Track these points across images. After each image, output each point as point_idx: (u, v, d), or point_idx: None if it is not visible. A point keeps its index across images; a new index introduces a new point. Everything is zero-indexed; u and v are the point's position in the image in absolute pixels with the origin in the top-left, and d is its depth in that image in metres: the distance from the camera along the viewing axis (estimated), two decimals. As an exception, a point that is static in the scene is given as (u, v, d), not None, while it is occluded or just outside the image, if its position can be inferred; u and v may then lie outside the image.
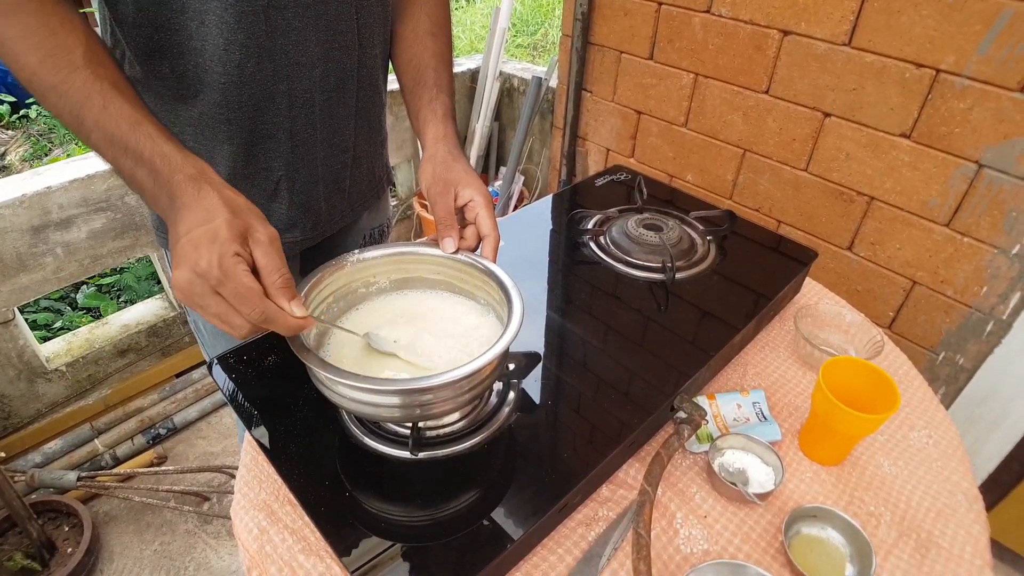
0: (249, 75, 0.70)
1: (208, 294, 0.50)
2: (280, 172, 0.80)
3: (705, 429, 0.80)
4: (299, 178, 0.82)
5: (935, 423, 0.85)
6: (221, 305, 0.50)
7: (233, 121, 0.73)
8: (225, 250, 0.50)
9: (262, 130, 0.76)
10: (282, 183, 0.81)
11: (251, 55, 0.69)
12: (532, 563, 0.65)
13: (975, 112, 1.17)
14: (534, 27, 4.96)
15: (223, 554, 1.60)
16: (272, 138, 0.77)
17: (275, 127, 0.76)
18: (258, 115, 0.74)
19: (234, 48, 0.68)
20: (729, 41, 1.48)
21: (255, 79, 0.71)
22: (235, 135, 0.75)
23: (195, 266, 0.49)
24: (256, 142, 0.77)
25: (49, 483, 1.58)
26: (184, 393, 1.93)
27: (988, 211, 1.22)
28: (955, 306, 1.33)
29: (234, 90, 0.71)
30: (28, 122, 3.87)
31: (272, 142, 0.77)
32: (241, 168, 0.78)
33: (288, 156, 0.79)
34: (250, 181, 0.79)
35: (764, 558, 0.67)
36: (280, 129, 0.77)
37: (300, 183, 0.83)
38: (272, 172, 0.80)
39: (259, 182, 0.80)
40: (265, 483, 0.72)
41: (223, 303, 0.50)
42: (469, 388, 0.60)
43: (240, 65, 0.69)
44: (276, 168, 0.80)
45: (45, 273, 1.63)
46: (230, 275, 0.50)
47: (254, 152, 0.77)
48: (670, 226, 1.02)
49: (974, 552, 0.68)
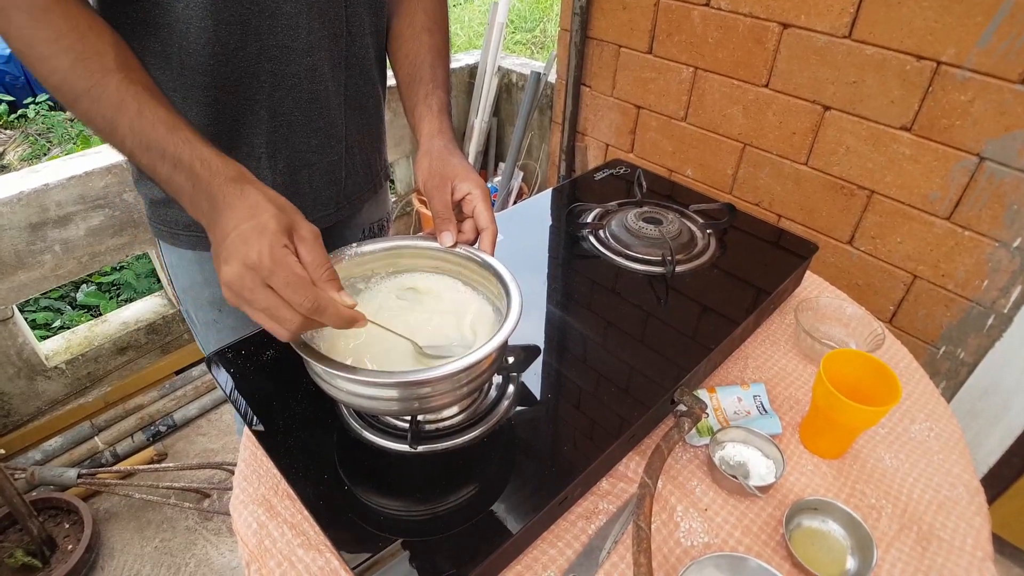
0: (232, 51, 0.70)
1: (258, 287, 0.50)
2: (262, 148, 0.80)
3: (705, 422, 0.79)
4: (281, 157, 0.82)
5: (936, 416, 0.84)
6: (271, 298, 0.50)
7: (216, 96, 0.73)
8: (276, 241, 0.50)
9: (243, 105, 0.75)
10: (263, 160, 0.81)
11: (234, 32, 0.69)
12: (532, 556, 0.64)
13: (976, 104, 1.16)
14: (532, 23, 4.95)
15: (223, 550, 1.60)
16: (252, 113, 0.76)
17: (255, 103, 0.76)
18: (240, 91, 0.74)
19: (213, 24, 0.67)
20: (728, 34, 1.47)
21: (238, 56, 0.71)
22: (218, 113, 0.74)
23: (245, 258, 0.49)
24: (238, 118, 0.76)
25: (49, 480, 1.57)
26: (184, 390, 1.93)
27: (989, 204, 1.21)
28: (956, 300, 1.33)
29: (218, 65, 0.70)
30: (26, 122, 3.86)
31: (252, 117, 0.77)
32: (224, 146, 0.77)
33: (269, 134, 0.79)
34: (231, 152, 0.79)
35: (765, 551, 0.67)
36: (261, 106, 0.76)
37: (282, 162, 0.82)
38: (254, 148, 0.79)
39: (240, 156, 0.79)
40: (264, 478, 0.72)
41: (273, 296, 0.50)
42: (468, 381, 0.60)
43: (221, 40, 0.68)
44: (257, 144, 0.79)
45: (43, 271, 1.62)
46: (282, 265, 0.49)
47: (236, 128, 0.77)
48: (670, 219, 1.02)
49: (975, 544, 0.68)
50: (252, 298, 0.50)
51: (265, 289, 0.50)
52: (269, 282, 0.50)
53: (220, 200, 0.54)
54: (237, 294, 0.51)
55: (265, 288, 0.50)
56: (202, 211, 0.56)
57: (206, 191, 0.55)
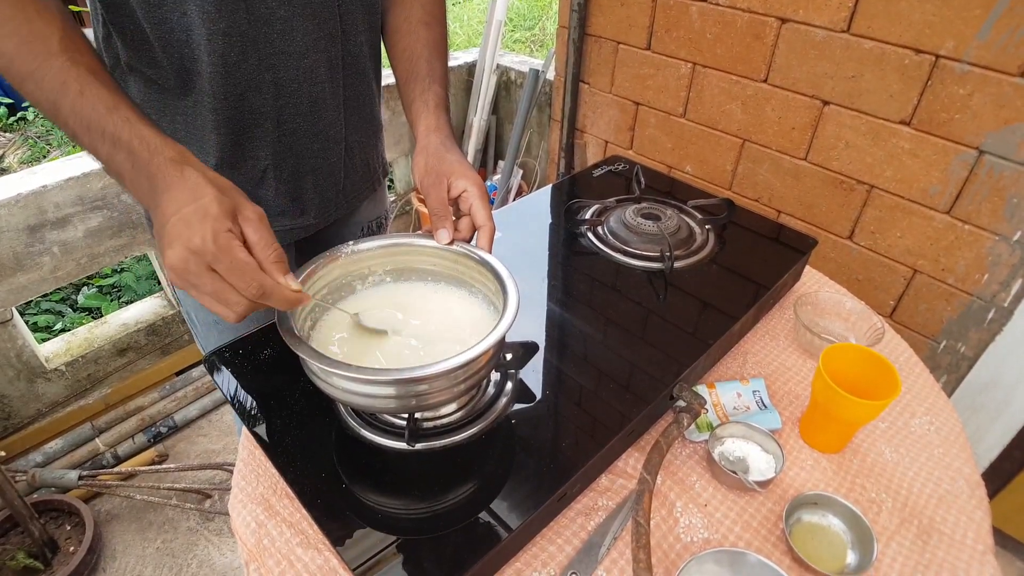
0: (233, 64, 0.70)
1: (203, 272, 0.50)
2: (267, 160, 0.80)
3: (705, 418, 0.79)
4: (286, 167, 0.82)
5: (936, 409, 0.84)
6: (216, 283, 0.50)
7: (220, 111, 0.73)
8: (219, 226, 0.50)
9: (249, 119, 0.75)
10: (269, 171, 0.81)
11: (234, 44, 0.69)
12: (531, 553, 0.64)
13: (975, 98, 1.16)
14: (532, 21, 4.94)
15: (225, 551, 1.60)
16: (259, 126, 0.77)
17: (262, 116, 0.76)
18: (244, 104, 0.74)
19: (217, 37, 0.67)
20: (727, 30, 1.47)
21: (240, 68, 0.71)
22: (223, 124, 0.74)
23: (188, 243, 0.49)
24: (243, 130, 0.76)
25: (50, 482, 1.58)
26: (184, 391, 1.93)
27: (989, 198, 1.21)
28: (956, 294, 1.32)
29: (220, 80, 0.70)
30: (26, 124, 3.86)
31: (259, 130, 0.77)
32: (228, 156, 0.78)
33: (275, 145, 0.79)
34: (237, 169, 0.79)
35: (765, 546, 0.67)
36: (267, 118, 0.76)
37: (287, 172, 0.82)
38: (259, 160, 0.80)
39: (246, 170, 0.80)
40: (263, 477, 0.72)
41: (218, 280, 0.50)
42: (465, 377, 0.59)
43: (224, 55, 0.69)
44: (263, 156, 0.79)
45: (42, 273, 1.62)
46: (225, 250, 0.49)
47: (241, 141, 0.77)
48: (668, 215, 1.01)
49: (976, 538, 0.68)
50: (197, 282, 0.50)
51: (210, 273, 0.50)
52: (214, 267, 0.50)
53: (160, 181, 0.53)
54: (182, 277, 0.50)
55: (210, 272, 0.50)
56: (143, 191, 0.55)
57: (145, 170, 0.54)
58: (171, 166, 0.54)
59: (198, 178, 0.53)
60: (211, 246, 0.49)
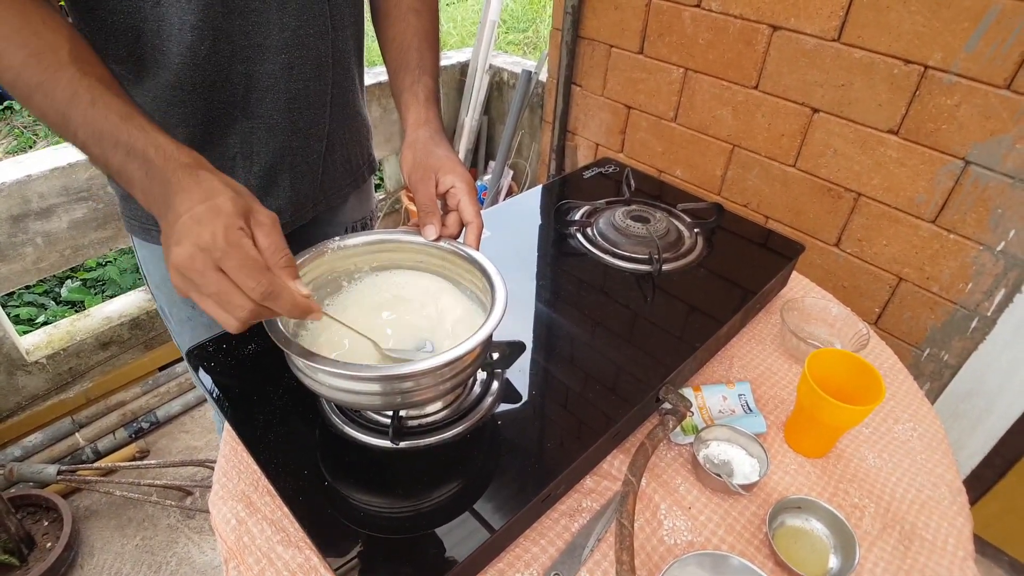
0: (204, 56, 0.69)
1: (209, 270, 0.48)
2: (235, 150, 0.78)
3: (690, 420, 0.79)
4: (258, 160, 0.80)
5: (919, 416, 0.85)
6: (222, 283, 0.48)
7: (187, 102, 0.72)
8: (230, 223, 0.48)
9: (218, 110, 0.74)
10: (238, 161, 0.79)
11: (206, 37, 0.67)
12: (515, 554, 0.64)
13: (962, 109, 1.17)
14: (525, 24, 4.95)
15: (205, 548, 1.58)
16: (228, 116, 0.75)
17: (231, 106, 0.74)
18: (213, 95, 0.72)
19: (187, 29, 0.66)
20: (719, 36, 1.48)
21: (210, 60, 0.69)
22: (190, 116, 0.73)
23: (198, 239, 0.47)
24: (212, 121, 0.75)
25: (29, 477, 1.55)
26: (167, 387, 1.91)
27: (974, 208, 1.22)
28: (940, 303, 1.34)
29: (188, 71, 0.69)
30: (12, 114, 3.81)
31: (227, 120, 0.75)
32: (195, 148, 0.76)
33: (244, 136, 0.78)
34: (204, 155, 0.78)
35: (748, 549, 0.67)
36: (235, 108, 0.75)
37: (260, 165, 0.81)
38: (227, 150, 0.78)
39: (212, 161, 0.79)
40: (244, 473, 0.71)
41: (224, 280, 0.48)
42: (451, 376, 0.59)
43: (193, 47, 0.67)
44: (231, 146, 0.78)
45: (25, 263, 1.60)
46: (236, 247, 0.48)
47: (210, 131, 0.76)
48: (657, 218, 1.02)
49: (957, 544, 0.68)
50: (202, 282, 0.48)
51: (216, 272, 0.48)
52: (221, 265, 0.48)
53: (174, 184, 0.52)
54: (186, 277, 0.48)
55: (216, 271, 0.48)
56: (155, 198, 0.54)
57: (160, 176, 0.53)
58: (186, 171, 0.53)
59: (213, 180, 0.52)
60: (221, 242, 0.47)
